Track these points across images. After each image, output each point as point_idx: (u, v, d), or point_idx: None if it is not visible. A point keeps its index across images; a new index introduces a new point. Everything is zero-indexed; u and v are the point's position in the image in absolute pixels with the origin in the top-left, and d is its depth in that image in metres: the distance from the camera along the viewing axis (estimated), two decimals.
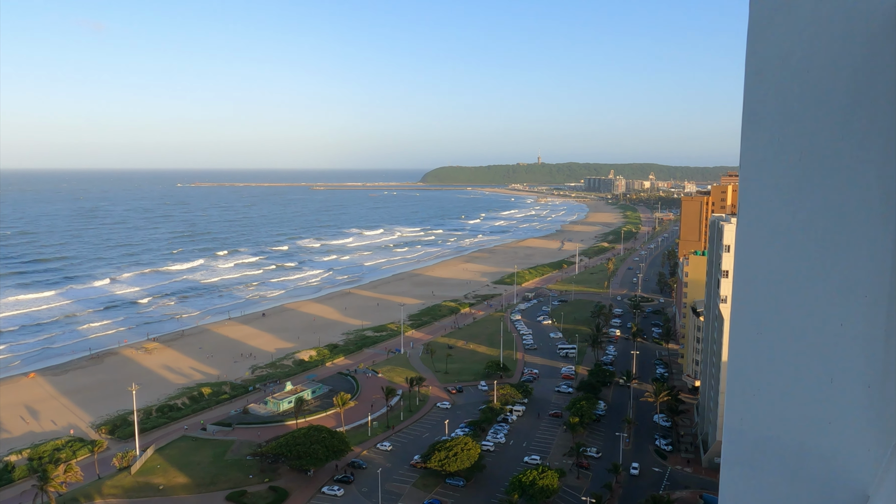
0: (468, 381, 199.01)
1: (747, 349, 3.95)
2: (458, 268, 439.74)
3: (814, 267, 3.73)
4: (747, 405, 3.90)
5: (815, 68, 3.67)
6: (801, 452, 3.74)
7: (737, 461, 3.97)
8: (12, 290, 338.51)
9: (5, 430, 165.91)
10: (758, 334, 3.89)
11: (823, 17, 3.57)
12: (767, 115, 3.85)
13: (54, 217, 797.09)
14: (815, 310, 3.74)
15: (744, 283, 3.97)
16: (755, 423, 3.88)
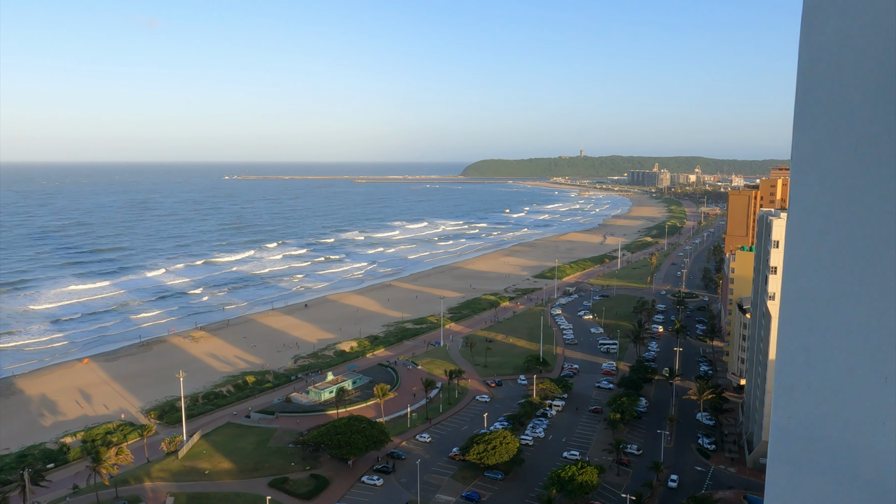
0: (507, 375, 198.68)
1: (797, 346, 3.84)
2: (499, 261, 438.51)
3: (868, 263, 3.59)
4: (796, 403, 3.79)
5: (872, 56, 3.47)
6: (852, 453, 3.61)
7: (784, 460, 3.87)
8: (70, 280, 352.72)
9: (61, 413, 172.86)
10: (808, 331, 3.78)
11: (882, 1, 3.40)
12: (821, 106, 3.67)
13: (108, 208, 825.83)
14: (869, 307, 3.60)
15: (794, 278, 3.85)
16: (804, 421, 3.76)
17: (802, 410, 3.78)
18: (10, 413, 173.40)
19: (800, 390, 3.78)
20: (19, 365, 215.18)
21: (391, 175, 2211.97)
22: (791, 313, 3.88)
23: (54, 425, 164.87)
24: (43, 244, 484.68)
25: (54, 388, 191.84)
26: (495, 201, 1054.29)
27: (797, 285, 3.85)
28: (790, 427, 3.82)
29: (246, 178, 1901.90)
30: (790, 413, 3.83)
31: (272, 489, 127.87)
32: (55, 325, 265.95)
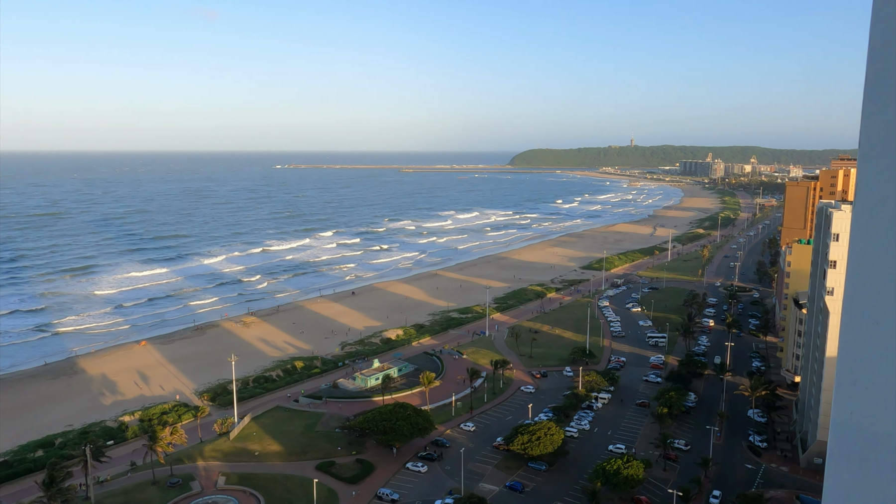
0: (553, 367, 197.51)
1: (860, 342, 3.69)
2: (546, 252, 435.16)
3: None
4: (858, 400, 3.65)
5: None
6: None
7: (844, 458, 3.72)
8: (131, 266, 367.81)
9: (120, 393, 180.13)
10: (873, 325, 3.64)
11: None
12: (893, 92, 3.47)
13: (166, 196, 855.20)
14: None
15: (859, 271, 3.71)
16: (866, 418, 3.62)
17: (865, 407, 3.64)
18: (74, 392, 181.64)
19: (862, 386, 3.64)
20: (83, 347, 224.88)
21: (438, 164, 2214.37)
22: (855, 307, 3.74)
23: (114, 404, 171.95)
24: (106, 231, 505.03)
25: (114, 368, 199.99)
26: (545, 191, 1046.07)
27: (862, 278, 3.70)
28: (852, 424, 3.68)
29: (296, 168, 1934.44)
30: (852, 410, 3.69)
31: (319, 472, 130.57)
32: (116, 308, 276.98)
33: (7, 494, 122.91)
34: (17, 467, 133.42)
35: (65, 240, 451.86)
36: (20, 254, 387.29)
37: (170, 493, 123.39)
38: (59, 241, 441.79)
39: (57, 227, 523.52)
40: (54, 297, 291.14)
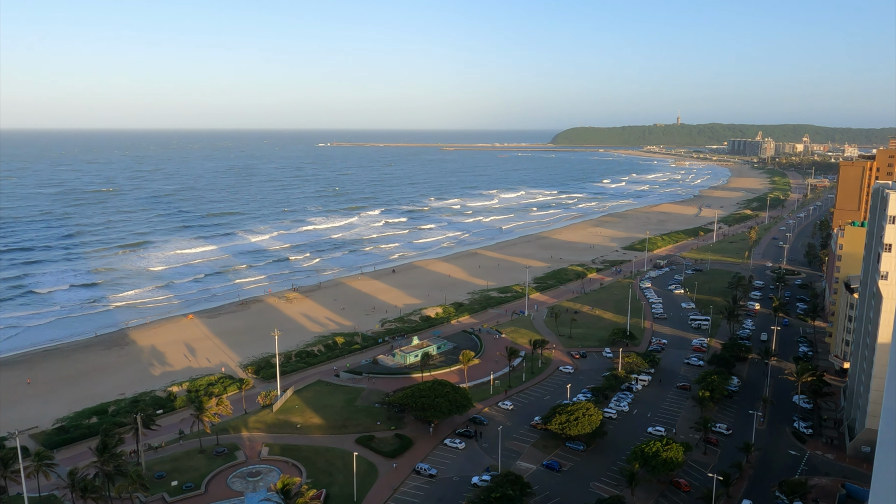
0: (592, 347, 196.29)
1: None
2: (587, 232, 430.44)
3: None
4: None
5: None
6: None
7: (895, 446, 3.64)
8: (180, 242, 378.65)
9: (168, 364, 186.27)
10: None
11: None
12: None
13: (214, 173, 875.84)
14: None
15: None
16: None
17: None
18: (125, 362, 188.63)
19: None
20: (134, 320, 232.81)
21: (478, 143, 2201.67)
22: None
23: (163, 375, 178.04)
24: (157, 207, 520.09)
25: (163, 340, 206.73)
26: (591, 170, 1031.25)
27: None
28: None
29: (339, 146, 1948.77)
30: None
31: (359, 446, 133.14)
32: (165, 283, 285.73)
33: (64, 458, 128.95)
34: (74, 433, 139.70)
35: (118, 216, 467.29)
36: (77, 230, 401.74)
37: (216, 462, 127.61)
38: (113, 218, 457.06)
39: (110, 203, 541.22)
40: (108, 272, 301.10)
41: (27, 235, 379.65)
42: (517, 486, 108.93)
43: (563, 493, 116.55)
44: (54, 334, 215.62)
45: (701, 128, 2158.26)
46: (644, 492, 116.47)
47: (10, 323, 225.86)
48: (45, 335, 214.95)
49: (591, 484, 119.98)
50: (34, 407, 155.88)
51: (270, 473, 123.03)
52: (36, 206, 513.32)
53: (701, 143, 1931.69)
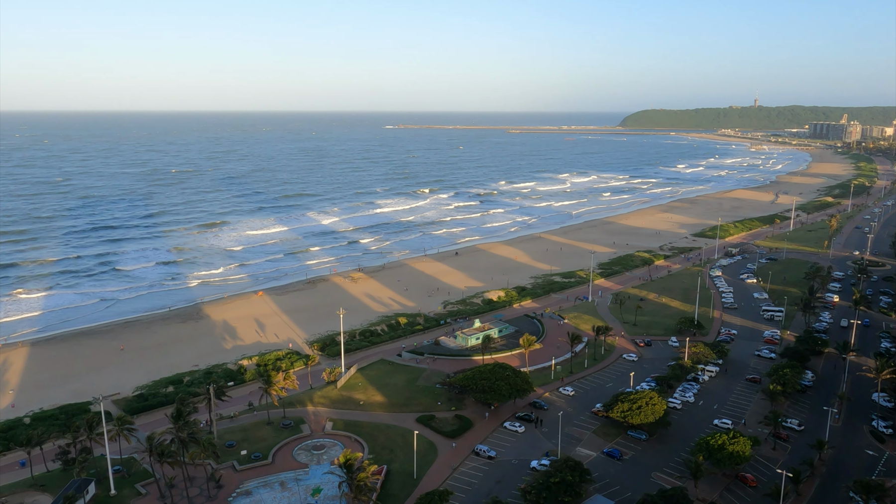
0: (658, 336, 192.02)
1: None
2: (655, 217, 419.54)
3: None
4: None
5: None
6: None
7: None
8: (253, 222, 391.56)
9: (239, 338, 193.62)
10: None
11: None
12: None
13: (286, 155, 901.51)
14: None
15: None
16: None
17: None
18: (199, 335, 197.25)
19: None
20: (208, 296, 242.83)
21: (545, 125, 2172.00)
22: None
23: (234, 348, 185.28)
24: (232, 188, 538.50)
25: (234, 315, 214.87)
26: (665, 154, 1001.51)
27: None
28: None
29: (405, 128, 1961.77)
30: None
31: (419, 424, 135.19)
32: (238, 261, 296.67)
33: (143, 423, 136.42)
34: (152, 400, 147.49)
35: (196, 196, 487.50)
36: (159, 209, 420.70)
37: (282, 434, 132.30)
38: (192, 198, 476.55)
39: (189, 183, 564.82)
40: (185, 251, 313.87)
41: (113, 214, 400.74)
42: (577, 473, 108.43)
43: (623, 482, 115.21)
44: (136, 307, 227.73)
45: (780, 110, 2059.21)
46: (708, 485, 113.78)
47: (99, 297, 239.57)
48: (128, 308, 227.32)
49: (652, 474, 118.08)
50: (116, 374, 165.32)
51: (334, 448, 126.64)
52: (121, 185, 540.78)
53: (780, 127, 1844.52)
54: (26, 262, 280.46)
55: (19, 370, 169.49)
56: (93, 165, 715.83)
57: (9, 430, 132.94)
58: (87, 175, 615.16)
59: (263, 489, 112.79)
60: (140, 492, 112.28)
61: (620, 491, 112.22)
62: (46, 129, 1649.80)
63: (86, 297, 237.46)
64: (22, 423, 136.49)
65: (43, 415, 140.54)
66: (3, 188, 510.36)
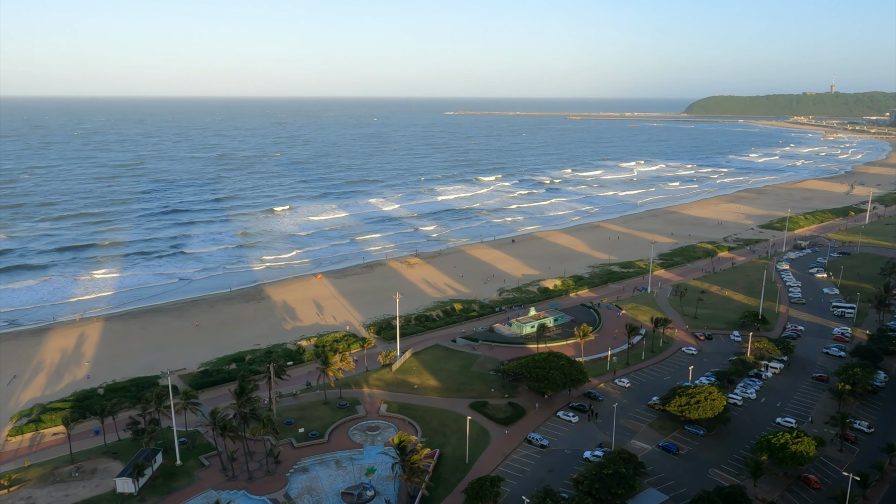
0: (719, 330, 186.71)
1: None
2: (720, 207, 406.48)
3: None
4: None
5: None
6: None
7: None
8: (314, 206, 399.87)
9: (298, 319, 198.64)
10: None
11: None
12: None
13: (347, 140, 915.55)
14: None
15: None
16: None
17: None
18: (261, 315, 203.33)
19: None
20: (270, 278, 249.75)
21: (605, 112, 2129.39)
22: None
23: (293, 329, 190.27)
24: (296, 173, 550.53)
25: (294, 297, 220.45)
26: (736, 142, 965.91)
27: None
28: None
29: (465, 114, 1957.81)
30: None
31: (472, 410, 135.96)
32: (299, 244, 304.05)
33: (207, 398, 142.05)
34: (216, 376, 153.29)
35: (262, 180, 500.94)
36: (227, 194, 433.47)
37: (338, 413, 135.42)
38: (258, 182, 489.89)
39: (255, 168, 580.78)
40: (250, 235, 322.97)
41: (184, 197, 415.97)
42: (630, 465, 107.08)
43: (679, 477, 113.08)
44: (202, 287, 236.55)
45: (859, 96, 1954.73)
46: (768, 484, 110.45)
47: (168, 277, 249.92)
48: (195, 288, 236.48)
49: (709, 470, 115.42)
50: (183, 350, 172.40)
51: (388, 429, 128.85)
52: (191, 169, 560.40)
53: (858, 114, 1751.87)
54: (103, 244, 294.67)
55: (94, 343, 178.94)
56: (164, 149, 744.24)
57: (85, 399, 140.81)
58: (160, 159, 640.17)
59: (319, 467, 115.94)
60: (203, 463, 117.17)
61: (675, 486, 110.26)
62: (121, 114, 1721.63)
63: (156, 278, 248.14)
64: (96, 394, 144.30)
65: (115, 386, 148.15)
66: (84, 171, 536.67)
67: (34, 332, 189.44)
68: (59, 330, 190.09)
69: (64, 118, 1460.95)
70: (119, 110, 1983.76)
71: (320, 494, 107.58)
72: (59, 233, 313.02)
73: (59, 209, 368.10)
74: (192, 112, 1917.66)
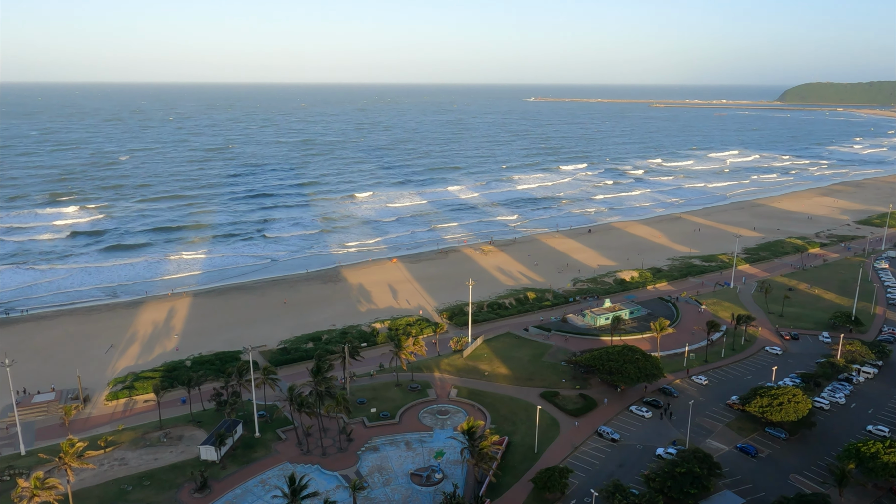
0: (807, 329, 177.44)
1: None
2: (812, 201, 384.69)
3: None
4: None
5: None
6: None
7: None
8: (391, 191, 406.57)
9: (373, 302, 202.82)
10: None
11: None
12: None
13: (427, 126, 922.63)
14: None
15: None
16: None
17: None
18: (338, 296, 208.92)
19: None
20: (351, 262, 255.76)
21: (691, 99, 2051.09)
22: None
23: (368, 311, 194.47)
24: (377, 159, 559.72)
25: (369, 280, 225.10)
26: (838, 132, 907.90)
27: None
28: None
29: (544, 100, 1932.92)
30: None
31: (543, 400, 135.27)
32: (376, 228, 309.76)
33: (285, 375, 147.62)
34: (293, 354, 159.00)
35: (345, 166, 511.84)
36: (311, 179, 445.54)
37: (409, 396, 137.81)
38: (341, 168, 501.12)
39: (338, 153, 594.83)
40: (331, 220, 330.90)
41: (269, 181, 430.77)
42: (705, 465, 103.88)
43: (757, 480, 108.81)
44: (283, 268, 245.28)
45: None
46: (855, 494, 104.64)
47: (252, 258, 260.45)
48: (276, 268, 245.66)
49: (790, 476, 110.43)
50: (263, 327, 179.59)
51: (457, 414, 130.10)
52: (277, 154, 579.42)
53: None
54: (193, 226, 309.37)
55: (183, 318, 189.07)
56: (252, 134, 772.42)
57: (173, 370, 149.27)
58: (247, 143, 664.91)
59: (390, 447, 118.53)
60: (280, 437, 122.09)
61: (753, 489, 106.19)
62: (211, 99, 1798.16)
63: (241, 259, 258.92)
64: (184, 365, 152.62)
65: (201, 359, 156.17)
66: (178, 154, 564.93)
67: (130, 304, 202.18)
68: (152, 304, 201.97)
69: (160, 103, 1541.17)
70: (209, 96, 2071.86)
71: (390, 474, 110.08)
72: (154, 214, 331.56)
73: (154, 191, 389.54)
74: (279, 98, 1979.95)
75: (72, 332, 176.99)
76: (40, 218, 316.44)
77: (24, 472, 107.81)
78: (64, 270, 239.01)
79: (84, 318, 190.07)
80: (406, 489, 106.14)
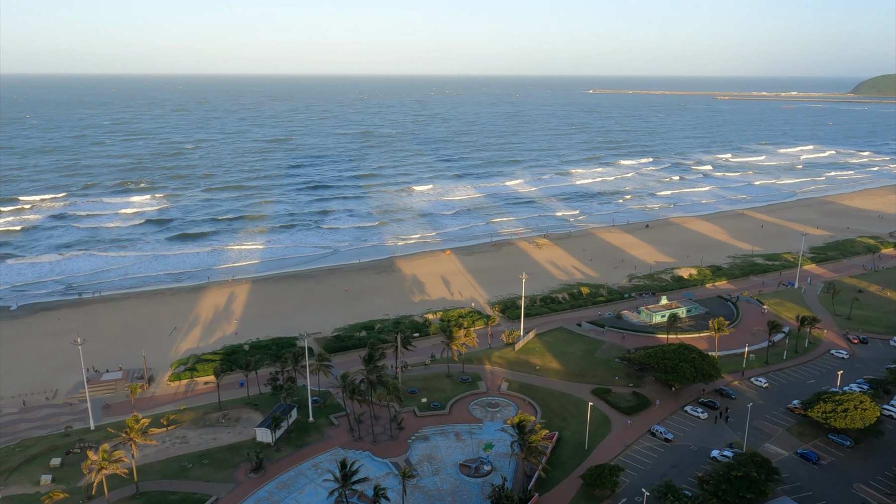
0: (876, 333, 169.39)
1: None
2: (885, 199, 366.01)
3: None
4: None
5: None
6: None
7: None
8: (447, 183, 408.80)
9: (426, 293, 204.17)
10: None
11: None
12: None
13: (486, 119, 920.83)
14: None
15: None
16: None
17: None
18: (391, 286, 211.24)
19: None
20: (405, 253, 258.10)
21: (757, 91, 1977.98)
22: None
23: (420, 302, 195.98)
24: (434, 151, 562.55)
25: (422, 271, 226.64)
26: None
27: None
28: None
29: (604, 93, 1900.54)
30: None
31: (594, 396, 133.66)
32: (432, 220, 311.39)
33: (339, 362, 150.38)
34: (347, 342, 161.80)
35: (403, 158, 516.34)
36: (369, 171, 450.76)
37: (460, 387, 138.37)
38: (399, 161, 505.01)
39: (396, 145, 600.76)
40: (388, 212, 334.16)
41: (328, 173, 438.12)
42: (763, 470, 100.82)
43: (818, 488, 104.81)
44: (338, 258, 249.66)
45: None
46: None
47: (309, 247, 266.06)
48: (332, 258, 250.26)
49: (854, 485, 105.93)
50: (318, 315, 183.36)
51: (508, 407, 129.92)
52: (336, 146, 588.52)
53: None
54: (255, 216, 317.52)
55: (242, 303, 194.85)
56: (312, 126, 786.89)
57: (232, 353, 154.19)
58: (307, 135, 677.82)
59: (440, 437, 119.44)
60: (333, 423, 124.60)
61: (813, 498, 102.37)
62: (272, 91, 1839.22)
63: (298, 248, 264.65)
64: (242, 349, 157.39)
65: (259, 344, 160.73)
66: (241, 145, 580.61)
67: (192, 289, 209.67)
68: (213, 289, 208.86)
69: (224, 94, 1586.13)
70: (271, 87, 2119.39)
71: (439, 464, 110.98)
72: (218, 203, 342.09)
73: (218, 181, 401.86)
74: (338, 89, 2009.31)
75: (138, 315, 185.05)
76: (110, 207, 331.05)
77: (93, 446, 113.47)
78: (133, 257, 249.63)
79: (149, 300, 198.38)
80: (455, 479, 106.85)
